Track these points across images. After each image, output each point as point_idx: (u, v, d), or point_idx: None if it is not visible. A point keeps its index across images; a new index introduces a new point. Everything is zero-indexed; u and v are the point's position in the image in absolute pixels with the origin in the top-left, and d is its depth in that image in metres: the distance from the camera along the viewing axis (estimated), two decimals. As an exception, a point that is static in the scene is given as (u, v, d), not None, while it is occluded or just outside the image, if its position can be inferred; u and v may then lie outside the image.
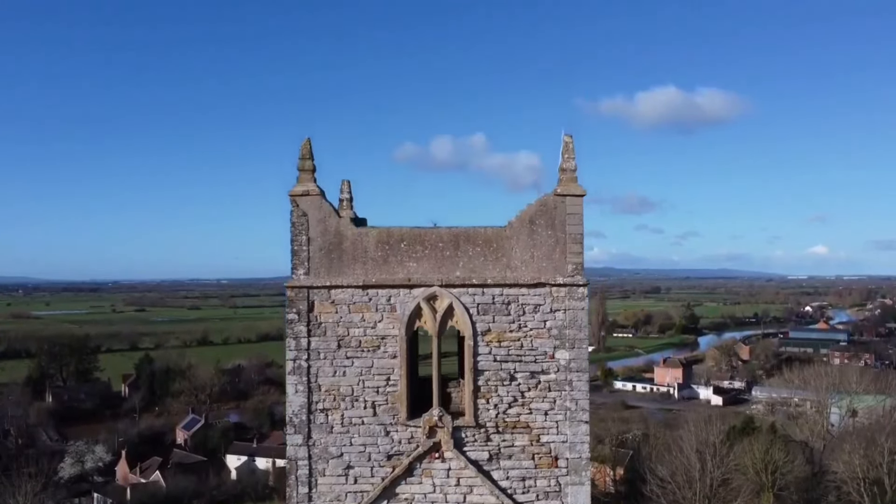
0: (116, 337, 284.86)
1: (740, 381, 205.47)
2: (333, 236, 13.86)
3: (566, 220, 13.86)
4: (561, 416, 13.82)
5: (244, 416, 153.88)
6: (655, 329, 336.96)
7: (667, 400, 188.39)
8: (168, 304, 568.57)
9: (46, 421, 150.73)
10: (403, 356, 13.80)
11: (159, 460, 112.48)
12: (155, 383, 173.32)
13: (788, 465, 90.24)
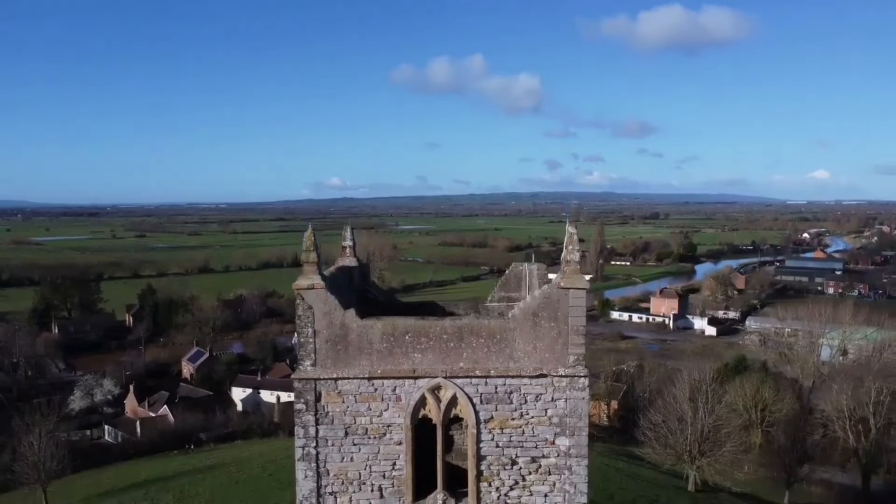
0: (118, 265, 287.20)
1: (735, 311, 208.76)
2: (339, 328, 14.08)
3: (569, 313, 14.04)
4: (560, 498, 14.47)
5: (248, 347, 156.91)
6: (653, 257, 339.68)
7: (662, 330, 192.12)
8: (167, 229, 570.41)
9: (54, 352, 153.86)
10: (409, 443, 14.28)
11: (166, 395, 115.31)
12: (158, 315, 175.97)
13: (778, 403, 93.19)
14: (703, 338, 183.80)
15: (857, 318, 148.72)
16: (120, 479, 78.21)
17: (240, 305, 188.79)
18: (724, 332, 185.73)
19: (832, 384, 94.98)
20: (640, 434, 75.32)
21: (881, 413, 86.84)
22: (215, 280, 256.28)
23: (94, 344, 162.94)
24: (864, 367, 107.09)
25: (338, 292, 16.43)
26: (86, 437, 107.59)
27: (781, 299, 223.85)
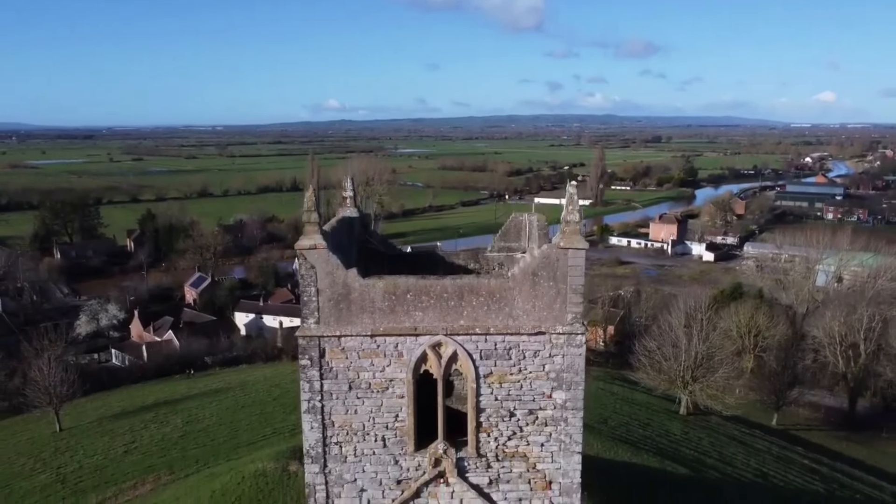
0: (116, 190, 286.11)
1: (733, 237, 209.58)
2: (341, 288, 14.31)
3: (568, 273, 14.23)
4: (556, 448, 15.09)
5: (249, 272, 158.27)
6: (654, 182, 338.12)
7: (660, 256, 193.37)
8: (164, 153, 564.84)
9: (57, 277, 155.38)
10: (410, 396, 14.77)
11: (171, 320, 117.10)
12: (159, 240, 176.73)
13: (771, 329, 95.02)
14: (701, 263, 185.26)
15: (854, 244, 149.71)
16: (129, 401, 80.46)
17: (240, 230, 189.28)
18: (721, 258, 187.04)
19: (825, 311, 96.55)
20: (635, 360, 77.05)
21: (872, 339, 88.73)
22: (214, 204, 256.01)
23: (96, 269, 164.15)
24: (858, 294, 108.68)
25: (339, 246, 16.61)
26: (93, 360, 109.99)
27: (780, 225, 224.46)
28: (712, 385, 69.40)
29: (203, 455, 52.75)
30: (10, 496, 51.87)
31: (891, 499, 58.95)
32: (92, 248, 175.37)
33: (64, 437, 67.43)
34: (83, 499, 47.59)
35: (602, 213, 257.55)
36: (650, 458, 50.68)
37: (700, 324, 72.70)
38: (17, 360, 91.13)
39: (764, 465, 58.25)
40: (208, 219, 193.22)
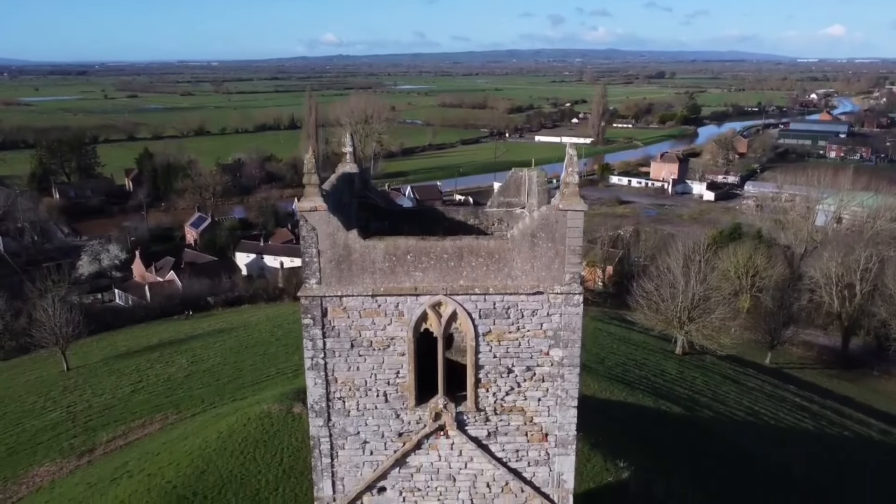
0: (112, 128, 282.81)
1: (734, 176, 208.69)
2: (342, 249, 14.45)
3: (566, 234, 14.35)
4: (552, 402, 15.56)
5: (249, 212, 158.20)
6: (656, 119, 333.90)
7: (661, 195, 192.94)
8: (159, 89, 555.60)
9: (57, 217, 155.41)
10: (411, 354, 15.12)
11: (172, 260, 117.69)
12: (158, 179, 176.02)
13: (769, 269, 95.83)
14: (701, 203, 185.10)
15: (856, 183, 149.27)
16: (134, 341, 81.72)
17: (238, 170, 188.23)
18: (722, 197, 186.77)
19: (823, 251, 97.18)
20: (633, 301, 77.88)
21: (868, 280, 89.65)
22: (212, 143, 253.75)
23: (96, 209, 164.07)
24: (857, 235, 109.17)
25: (340, 204, 16.71)
26: (97, 300, 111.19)
27: (782, 164, 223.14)
28: (708, 326, 70.39)
29: (208, 395, 53.97)
30: (22, 433, 53.32)
31: (878, 435, 60.74)
32: (91, 187, 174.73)
33: (72, 377, 68.74)
34: (94, 436, 48.92)
35: (603, 151, 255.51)
36: (645, 398, 51.94)
37: (698, 265, 73.19)
38: (22, 301, 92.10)
39: (756, 404, 59.74)
40: (206, 158, 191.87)
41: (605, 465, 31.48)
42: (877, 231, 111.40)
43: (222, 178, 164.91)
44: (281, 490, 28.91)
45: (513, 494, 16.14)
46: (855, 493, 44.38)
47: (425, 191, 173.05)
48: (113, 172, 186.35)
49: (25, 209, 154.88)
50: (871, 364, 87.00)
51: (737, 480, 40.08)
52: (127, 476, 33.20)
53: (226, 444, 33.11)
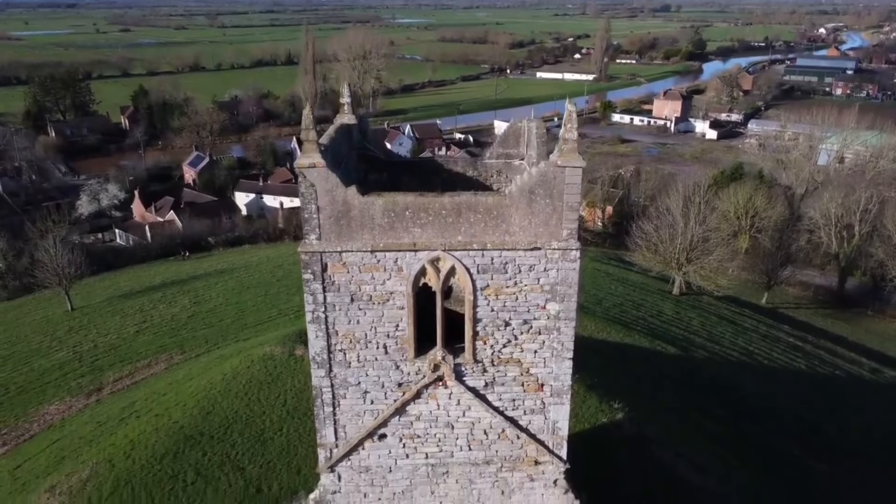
0: (106, 63, 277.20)
1: (738, 113, 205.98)
2: (342, 205, 14.49)
3: (564, 190, 14.36)
4: (548, 354, 15.90)
5: (247, 151, 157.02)
6: (660, 55, 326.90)
7: (663, 134, 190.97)
8: (152, 23, 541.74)
9: (54, 156, 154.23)
10: (410, 308, 15.36)
11: (171, 200, 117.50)
12: (154, 117, 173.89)
13: (768, 210, 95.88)
14: (704, 141, 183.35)
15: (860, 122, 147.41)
16: (137, 281, 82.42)
17: (235, 107, 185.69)
18: (724, 136, 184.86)
19: (824, 192, 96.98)
20: (632, 242, 78.19)
21: (867, 220, 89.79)
22: (208, 79, 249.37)
23: (92, 147, 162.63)
24: (859, 175, 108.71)
25: (338, 156, 16.67)
26: (98, 240, 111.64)
27: (787, 101, 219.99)
28: (706, 267, 70.88)
29: (212, 335, 54.86)
30: (30, 372, 54.44)
31: (868, 373, 62.03)
32: (86, 125, 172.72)
33: (76, 317, 69.66)
34: (101, 376, 49.99)
35: (605, 88, 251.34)
36: (641, 339, 52.82)
37: (698, 207, 73.12)
38: (23, 241, 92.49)
39: (750, 344, 60.78)
40: (202, 95, 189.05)
41: (600, 407, 32.35)
42: (879, 171, 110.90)
43: (219, 117, 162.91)
44: (285, 430, 29.81)
45: (509, 441, 16.71)
46: (842, 430, 45.67)
47: (425, 129, 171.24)
48: (108, 110, 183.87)
49: (21, 148, 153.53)
50: (865, 304, 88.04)
51: (729, 418, 41.21)
52: (135, 416, 34.15)
53: (230, 385, 33.92)
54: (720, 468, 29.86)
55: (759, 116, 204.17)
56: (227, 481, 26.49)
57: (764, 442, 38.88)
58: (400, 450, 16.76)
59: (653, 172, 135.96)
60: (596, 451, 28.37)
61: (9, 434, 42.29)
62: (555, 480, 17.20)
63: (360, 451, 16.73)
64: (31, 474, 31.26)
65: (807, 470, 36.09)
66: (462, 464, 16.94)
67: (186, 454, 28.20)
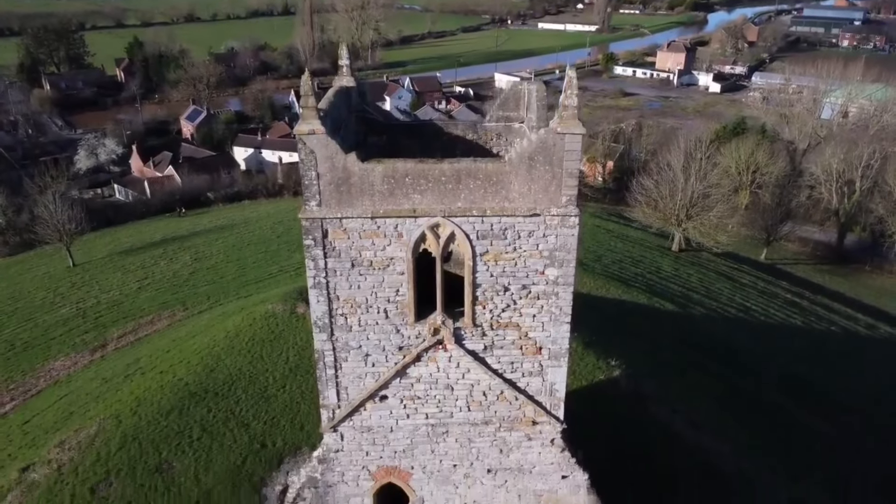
0: (99, 14, 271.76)
1: (742, 66, 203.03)
2: (341, 172, 14.48)
3: (564, 157, 14.33)
4: (546, 319, 16.11)
5: (245, 105, 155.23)
6: (664, 5, 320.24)
7: (666, 87, 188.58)
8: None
9: (50, 110, 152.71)
10: (410, 273, 15.50)
11: (170, 155, 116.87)
12: (150, 70, 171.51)
13: (770, 166, 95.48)
14: (707, 95, 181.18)
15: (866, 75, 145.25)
16: (137, 237, 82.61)
17: (232, 60, 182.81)
18: (728, 89, 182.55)
19: (826, 147, 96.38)
20: (632, 198, 78.07)
21: (869, 176, 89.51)
22: (203, 30, 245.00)
23: (89, 101, 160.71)
24: (862, 130, 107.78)
25: (337, 120, 16.62)
26: (97, 195, 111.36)
27: (792, 53, 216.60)
28: (706, 223, 70.96)
29: (214, 292, 55.28)
30: (35, 328, 55.07)
31: (864, 329, 62.73)
32: (81, 78, 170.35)
33: (78, 273, 70.05)
34: (104, 332, 50.59)
35: (608, 40, 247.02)
36: (640, 295, 53.25)
37: (699, 163, 72.78)
38: (22, 197, 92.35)
39: (748, 300, 61.30)
40: (198, 47, 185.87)
41: (597, 364, 32.86)
42: (883, 126, 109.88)
43: (216, 69, 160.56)
44: (288, 387, 30.35)
45: (507, 402, 17.09)
46: (838, 386, 46.44)
47: (424, 82, 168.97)
48: (103, 62, 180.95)
49: (16, 101, 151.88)
50: (864, 260, 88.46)
51: (725, 375, 41.86)
52: (140, 373, 34.72)
53: (233, 343, 34.39)
54: (716, 424, 30.52)
55: (763, 69, 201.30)
56: (231, 437, 27.11)
57: (759, 398, 39.59)
58: (401, 410, 17.15)
59: (654, 127, 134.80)
60: (593, 407, 28.92)
61: (16, 389, 43.04)
62: (552, 440, 17.65)
63: (362, 412, 17.12)
64: (41, 429, 31.97)
65: (802, 426, 36.85)
66: (461, 424, 17.36)
67: (192, 410, 28.78)
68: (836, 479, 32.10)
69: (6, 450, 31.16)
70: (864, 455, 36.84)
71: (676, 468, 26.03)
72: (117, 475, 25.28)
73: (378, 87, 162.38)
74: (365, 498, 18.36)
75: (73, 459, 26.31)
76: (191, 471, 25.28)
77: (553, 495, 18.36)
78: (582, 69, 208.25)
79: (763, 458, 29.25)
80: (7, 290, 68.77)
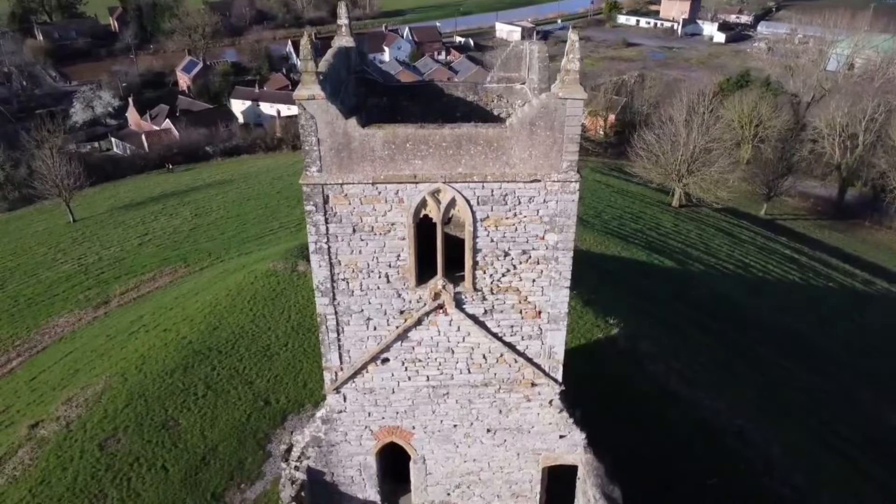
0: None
1: (748, 14, 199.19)
2: (342, 137, 14.38)
3: (565, 122, 14.20)
4: (546, 283, 16.21)
5: (241, 55, 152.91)
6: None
7: (669, 37, 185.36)
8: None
9: (44, 61, 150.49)
10: (411, 238, 15.53)
11: (167, 108, 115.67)
12: (143, 18, 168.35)
13: (773, 119, 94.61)
14: (711, 45, 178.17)
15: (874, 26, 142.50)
16: (136, 192, 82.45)
17: (227, 8, 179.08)
18: (733, 39, 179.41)
19: (830, 101, 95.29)
20: (633, 153, 77.59)
21: (872, 130, 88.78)
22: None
23: (82, 52, 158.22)
24: (867, 83, 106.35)
25: (337, 82, 16.44)
26: (94, 149, 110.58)
27: (800, 1, 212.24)
28: (707, 178, 70.68)
29: (214, 248, 55.42)
30: (38, 284, 55.38)
31: (861, 285, 63.14)
32: (74, 28, 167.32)
33: (79, 228, 70.14)
34: (107, 288, 50.91)
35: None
36: (639, 252, 53.43)
37: (701, 117, 72.07)
38: (20, 152, 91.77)
39: (747, 256, 61.53)
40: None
41: (595, 322, 33.21)
42: (888, 78, 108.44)
43: (211, 19, 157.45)
44: (290, 345, 30.74)
45: (507, 364, 17.36)
46: (833, 342, 47.04)
47: (424, 32, 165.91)
48: (96, 11, 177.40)
49: (9, 52, 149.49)
50: (864, 215, 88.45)
51: (722, 332, 42.38)
52: (143, 330, 35.11)
53: (235, 301, 34.68)
54: (711, 382, 31.02)
55: (769, 18, 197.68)
56: (236, 394, 27.59)
57: (755, 354, 40.16)
58: (402, 372, 17.43)
59: (657, 79, 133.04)
60: (591, 365, 29.39)
61: (22, 346, 43.56)
62: (550, 401, 17.99)
63: (364, 374, 17.41)
64: (48, 386, 32.49)
65: (796, 381, 37.47)
66: (462, 385, 17.67)
67: (196, 368, 29.22)
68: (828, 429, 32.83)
69: (14, 406, 31.75)
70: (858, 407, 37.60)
71: (672, 425, 26.57)
72: (125, 431, 25.82)
73: (377, 38, 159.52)
74: (367, 456, 18.79)
75: (80, 416, 26.85)
76: (196, 427, 25.82)
77: (551, 454, 18.80)
78: (584, 18, 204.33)
79: (757, 413, 29.83)
80: (8, 245, 68.96)
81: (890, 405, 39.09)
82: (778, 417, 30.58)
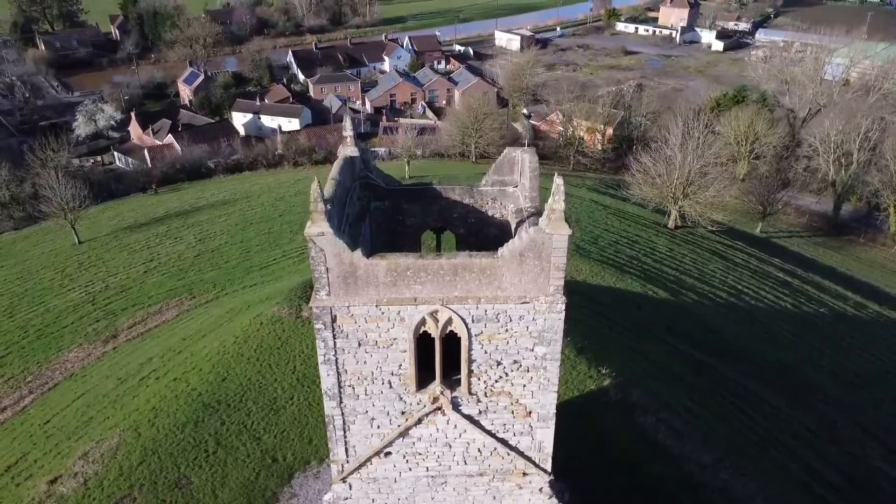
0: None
1: (746, 21, 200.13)
2: (348, 266, 15.70)
3: (552, 253, 15.56)
4: (536, 388, 17.60)
5: (242, 64, 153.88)
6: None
7: (668, 44, 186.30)
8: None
9: (46, 70, 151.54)
10: (411, 351, 16.90)
11: (169, 122, 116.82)
12: (145, 27, 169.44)
13: (769, 135, 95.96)
14: (709, 53, 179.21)
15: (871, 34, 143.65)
16: (140, 212, 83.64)
17: (228, 17, 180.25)
18: (731, 47, 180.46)
19: (825, 117, 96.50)
20: (630, 175, 78.77)
21: (866, 148, 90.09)
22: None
23: (84, 61, 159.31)
24: (861, 99, 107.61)
25: (343, 198, 17.77)
26: (97, 163, 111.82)
27: (798, 7, 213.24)
28: (702, 202, 71.93)
29: (219, 279, 56.72)
30: (46, 314, 56.73)
31: (852, 309, 64.45)
32: (76, 37, 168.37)
33: (84, 251, 71.45)
34: (115, 321, 52.29)
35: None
36: (633, 282, 54.73)
37: (696, 141, 73.36)
38: (24, 169, 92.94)
39: (740, 282, 62.81)
40: (193, 2, 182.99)
41: (588, 373, 34.54)
42: (884, 94, 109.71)
43: (212, 29, 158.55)
44: (296, 398, 32.10)
45: (500, 457, 18.75)
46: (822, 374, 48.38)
47: (424, 41, 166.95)
48: (97, 20, 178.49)
49: (11, 61, 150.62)
50: (858, 231, 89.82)
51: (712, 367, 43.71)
52: (153, 377, 36.46)
53: (242, 349, 36.00)
54: (698, 430, 32.39)
55: (767, 25, 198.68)
56: (245, 451, 28.96)
57: (745, 392, 41.51)
58: (403, 464, 18.82)
59: (655, 88, 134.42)
60: (584, 417, 30.76)
61: (34, 382, 44.95)
62: (540, 488, 19.38)
63: (369, 466, 18.80)
64: (63, 433, 33.85)
65: (783, 422, 38.84)
66: (459, 475, 19.07)
67: (206, 423, 30.58)
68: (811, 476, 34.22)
69: (31, 453, 33.13)
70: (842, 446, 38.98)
71: (658, 480, 27.95)
72: (140, 490, 27.21)
73: (377, 47, 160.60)
74: (371, 536, 20.20)
75: (97, 473, 28.22)
76: (208, 486, 27.20)
77: (542, 533, 20.21)
78: (583, 25, 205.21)
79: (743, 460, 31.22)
80: (15, 268, 70.34)
81: (873, 442, 40.51)
82: (762, 466, 31.95)
